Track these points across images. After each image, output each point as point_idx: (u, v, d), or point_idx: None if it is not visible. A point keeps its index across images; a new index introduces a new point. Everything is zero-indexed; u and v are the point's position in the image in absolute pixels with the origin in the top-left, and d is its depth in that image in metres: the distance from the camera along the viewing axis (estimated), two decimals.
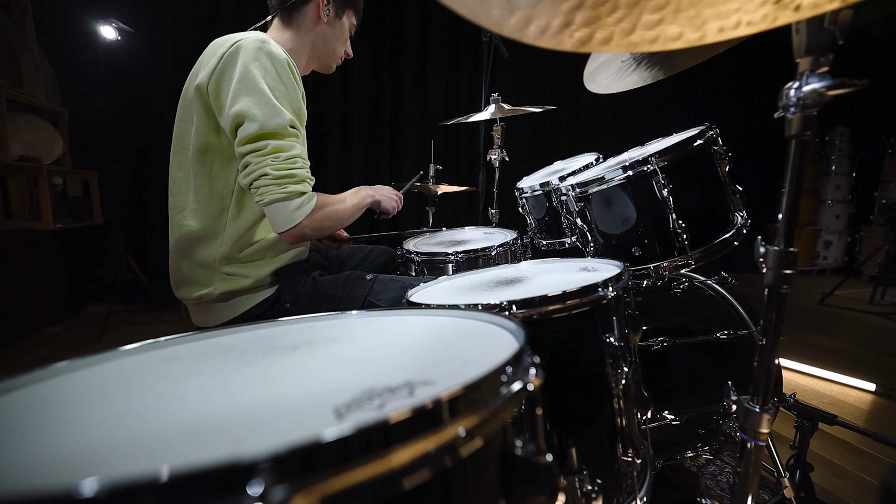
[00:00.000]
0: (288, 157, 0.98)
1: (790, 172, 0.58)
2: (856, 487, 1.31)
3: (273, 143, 0.97)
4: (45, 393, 0.42)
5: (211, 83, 1.00)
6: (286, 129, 0.98)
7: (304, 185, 1.01)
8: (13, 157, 2.51)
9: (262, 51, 0.99)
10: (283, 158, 0.97)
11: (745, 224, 1.14)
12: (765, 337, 0.60)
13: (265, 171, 0.96)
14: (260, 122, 0.95)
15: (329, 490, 0.24)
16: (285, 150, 0.98)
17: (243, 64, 0.97)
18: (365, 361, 0.46)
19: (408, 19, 3.68)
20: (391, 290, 1.16)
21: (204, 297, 1.07)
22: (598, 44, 0.43)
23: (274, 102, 0.98)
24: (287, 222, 0.99)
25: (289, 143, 0.99)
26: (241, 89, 0.96)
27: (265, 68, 0.99)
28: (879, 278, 3.51)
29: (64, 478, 0.28)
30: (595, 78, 1.22)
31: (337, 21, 1.21)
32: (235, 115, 0.96)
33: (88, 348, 2.54)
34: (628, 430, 0.75)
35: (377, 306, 1.12)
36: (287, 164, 0.98)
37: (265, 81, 0.98)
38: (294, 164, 0.99)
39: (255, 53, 0.98)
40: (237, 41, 1.01)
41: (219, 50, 1.01)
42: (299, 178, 1.00)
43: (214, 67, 0.99)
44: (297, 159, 1.00)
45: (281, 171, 0.97)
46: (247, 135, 0.96)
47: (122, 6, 2.96)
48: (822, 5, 0.40)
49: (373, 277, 1.18)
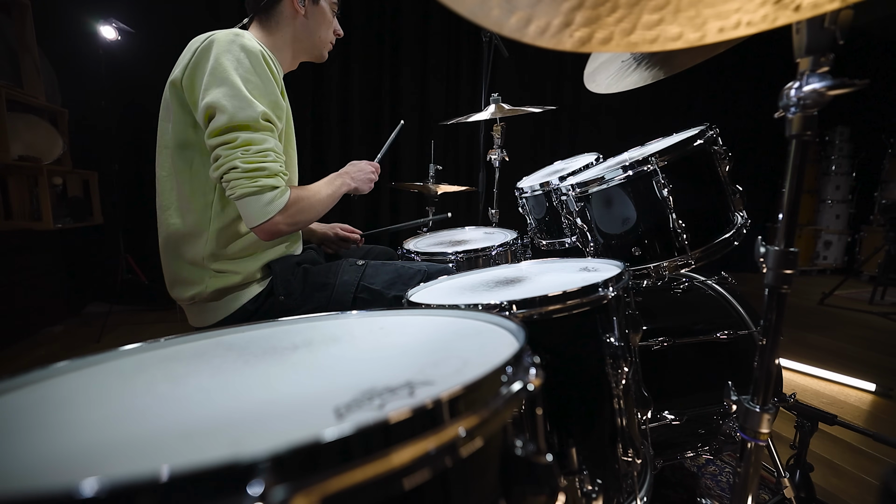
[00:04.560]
0: (259, 151, 0.96)
1: (790, 172, 0.58)
2: (856, 487, 1.31)
3: (243, 135, 0.95)
4: (45, 393, 0.42)
5: (185, 78, 0.99)
6: (258, 122, 0.96)
7: (276, 178, 0.98)
8: (13, 157, 2.51)
9: (235, 43, 0.98)
10: (253, 151, 0.95)
11: (745, 224, 1.15)
12: (765, 337, 0.60)
13: (234, 164, 0.94)
14: (230, 114, 0.94)
15: (329, 490, 0.24)
16: (256, 142, 0.96)
17: (215, 56, 0.96)
18: (365, 361, 0.46)
19: (408, 19, 3.68)
20: (384, 272, 1.14)
21: (196, 297, 1.07)
22: (598, 44, 0.43)
23: (245, 94, 0.96)
24: (259, 217, 0.97)
25: (261, 136, 0.97)
26: (211, 81, 0.95)
27: (238, 60, 0.97)
28: (879, 278, 3.51)
29: (64, 478, 0.28)
30: (595, 78, 1.22)
31: (315, 8, 1.17)
32: (206, 107, 0.95)
33: (88, 348, 2.54)
34: (628, 430, 0.75)
35: (372, 289, 1.10)
36: (258, 158, 0.96)
37: (237, 73, 0.96)
38: (265, 157, 0.97)
39: (227, 46, 0.98)
40: (210, 35, 1.00)
41: (193, 45, 1.01)
42: (271, 171, 0.97)
43: (188, 62, 0.99)
44: (269, 152, 0.97)
45: (251, 165, 0.95)
46: (216, 127, 0.94)
47: (122, 6, 2.96)
48: (822, 5, 0.40)
49: (364, 263, 1.17)
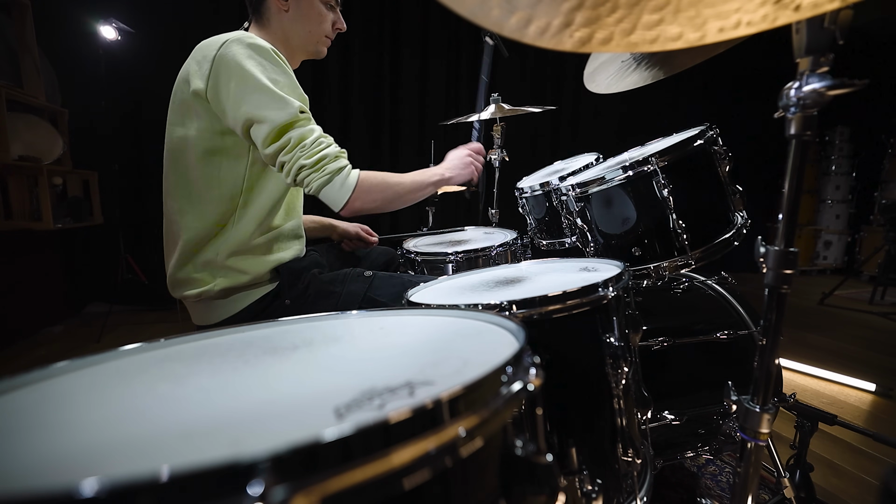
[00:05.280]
0: (313, 142, 1.00)
1: (790, 172, 0.58)
2: (856, 487, 1.31)
3: (293, 134, 0.98)
4: (45, 393, 0.42)
5: (209, 89, 1.00)
6: (298, 117, 1.00)
7: (338, 160, 1.03)
8: (13, 157, 2.51)
9: (251, 47, 0.99)
10: (309, 145, 0.99)
11: (745, 224, 1.14)
12: (765, 337, 0.60)
13: (301, 164, 0.99)
14: (272, 120, 0.97)
15: (329, 490, 0.24)
16: (307, 135, 1.00)
17: (238, 63, 0.97)
18: (365, 361, 0.46)
19: (408, 20, 3.67)
20: (391, 286, 1.15)
21: (204, 294, 1.07)
22: (598, 44, 0.43)
23: (280, 94, 0.98)
24: (339, 201, 1.04)
25: (307, 129, 1.01)
26: (244, 91, 0.97)
27: (260, 63, 0.99)
28: (879, 278, 3.51)
29: (64, 478, 0.28)
30: (595, 78, 1.22)
31: (300, 3, 1.15)
32: (245, 119, 0.97)
33: (88, 348, 2.54)
34: (628, 430, 0.75)
35: (377, 301, 1.12)
36: (316, 149, 1.00)
37: (265, 76, 0.98)
38: (320, 145, 1.01)
39: (244, 51, 0.99)
40: (224, 41, 1.01)
41: (208, 53, 1.01)
42: (331, 155, 1.02)
43: (209, 72, 0.99)
44: (321, 140, 1.02)
45: (313, 158, 0.99)
46: (265, 136, 0.97)
47: (122, 6, 2.96)
48: (822, 5, 0.40)
49: (372, 274, 1.18)
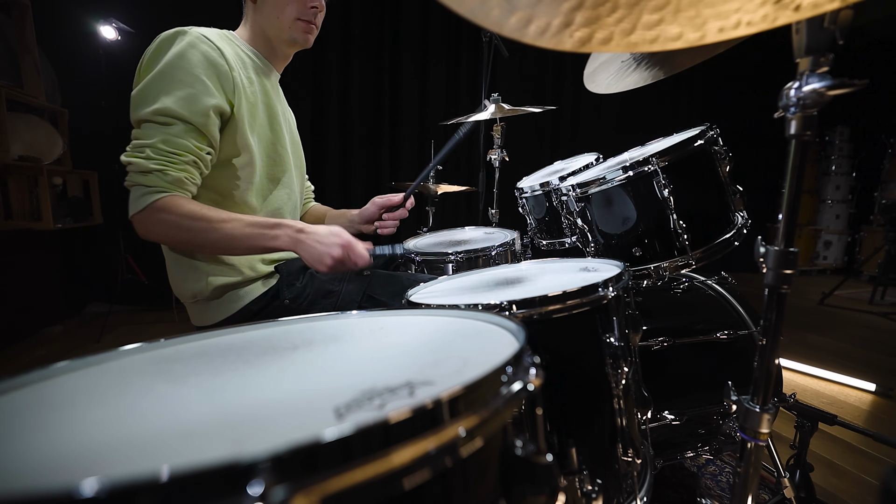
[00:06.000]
0: (137, 146, 0.96)
1: (790, 172, 0.58)
2: (856, 487, 1.31)
3: (133, 131, 0.98)
4: (45, 393, 0.42)
5: None
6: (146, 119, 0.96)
7: (143, 176, 0.94)
8: (13, 157, 2.51)
9: (169, 40, 1.00)
10: (136, 147, 0.96)
11: (745, 224, 1.14)
12: (765, 337, 0.60)
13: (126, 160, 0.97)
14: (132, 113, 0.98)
15: (329, 490, 0.24)
16: (140, 138, 0.97)
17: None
18: (365, 361, 0.46)
19: (408, 20, 3.67)
20: (390, 284, 1.15)
21: (198, 295, 1.07)
22: (598, 44, 0.43)
23: (144, 92, 0.96)
24: (130, 210, 0.96)
25: (144, 132, 0.96)
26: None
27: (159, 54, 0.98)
28: (879, 278, 3.51)
29: (64, 478, 0.28)
30: (595, 78, 1.22)
31: None
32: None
33: (88, 348, 2.55)
34: (628, 430, 0.75)
35: (376, 300, 1.12)
36: (135, 153, 0.96)
37: (151, 68, 0.98)
38: (140, 153, 0.95)
39: (158, 44, 1.00)
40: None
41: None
42: (140, 167, 0.94)
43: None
44: (145, 149, 0.95)
45: (129, 159, 0.96)
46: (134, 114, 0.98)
47: (122, 6, 2.96)
48: (822, 5, 0.40)
49: (371, 273, 1.18)
